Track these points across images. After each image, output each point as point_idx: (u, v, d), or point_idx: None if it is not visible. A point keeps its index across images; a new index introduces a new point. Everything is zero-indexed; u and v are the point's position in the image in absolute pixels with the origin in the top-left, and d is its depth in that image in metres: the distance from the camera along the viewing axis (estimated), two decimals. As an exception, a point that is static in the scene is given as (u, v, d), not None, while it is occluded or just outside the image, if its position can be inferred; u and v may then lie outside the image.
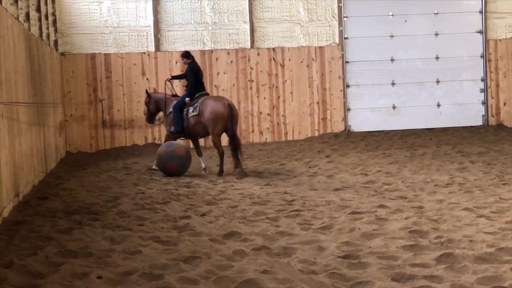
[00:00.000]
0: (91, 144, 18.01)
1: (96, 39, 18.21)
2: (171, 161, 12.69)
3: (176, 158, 12.71)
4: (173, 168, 12.72)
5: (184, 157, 12.81)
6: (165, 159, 12.72)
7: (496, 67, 19.60)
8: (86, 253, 6.79)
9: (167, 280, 5.88)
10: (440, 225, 7.74)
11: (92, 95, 18.08)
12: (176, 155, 12.71)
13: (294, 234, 7.60)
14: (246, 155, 16.25)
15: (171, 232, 7.88)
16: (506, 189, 10.21)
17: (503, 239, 6.98)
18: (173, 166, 12.72)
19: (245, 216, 8.71)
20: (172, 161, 12.70)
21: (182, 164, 12.79)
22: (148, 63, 18.29)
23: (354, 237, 7.36)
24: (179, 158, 12.73)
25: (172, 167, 12.73)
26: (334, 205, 9.33)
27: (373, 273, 5.96)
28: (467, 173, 12.07)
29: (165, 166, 12.77)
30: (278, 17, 18.92)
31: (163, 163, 12.78)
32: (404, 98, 19.48)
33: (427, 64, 19.55)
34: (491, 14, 19.58)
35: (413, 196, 9.88)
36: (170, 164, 12.71)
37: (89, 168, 14.62)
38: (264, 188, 11.21)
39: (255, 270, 6.11)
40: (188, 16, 18.61)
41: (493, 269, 5.90)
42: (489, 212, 8.39)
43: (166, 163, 12.73)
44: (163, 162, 12.78)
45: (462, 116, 19.61)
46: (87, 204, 9.61)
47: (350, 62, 19.26)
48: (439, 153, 15.26)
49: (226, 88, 18.59)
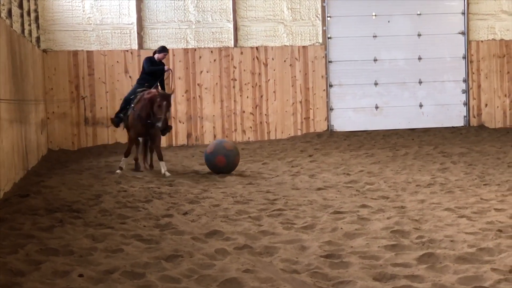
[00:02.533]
0: (73, 142, 17.91)
1: (78, 36, 18.10)
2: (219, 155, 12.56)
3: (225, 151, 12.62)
4: (222, 162, 12.57)
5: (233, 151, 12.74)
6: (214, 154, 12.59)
7: (478, 68, 19.72)
8: (67, 251, 6.76)
9: (149, 278, 5.86)
10: (421, 225, 7.78)
11: (74, 92, 17.97)
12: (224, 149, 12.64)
13: (277, 233, 7.61)
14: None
15: (153, 230, 7.86)
16: (487, 189, 10.28)
17: (484, 239, 7.03)
18: (221, 160, 12.58)
19: (227, 215, 8.71)
20: (220, 155, 12.56)
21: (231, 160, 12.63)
22: (131, 61, 18.22)
23: (336, 236, 7.37)
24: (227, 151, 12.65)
25: (220, 161, 12.59)
26: (317, 204, 9.34)
27: (355, 272, 5.98)
28: (448, 174, 12.14)
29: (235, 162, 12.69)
30: (261, 16, 18.91)
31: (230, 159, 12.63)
32: (386, 98, 19.55)
33: (410, 65, 19.64)
34: (473, 16, 19.70)
35: (395, 196, 9.92)
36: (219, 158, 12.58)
37: (71, 166, 14.53)
38: (247, 187, 11.21)
39: (237, 269, 6.11)
40: (171, 14, 18.56)
41: (474, 269, 5.94)
42: (470, 213, 8.44)
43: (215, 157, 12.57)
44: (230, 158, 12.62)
45: (444, 117, 19.71)
46: (68, 202, 9.56)
47: (333, 61, 19.30)
48: (421, 153, 15.34)
49: (209, 87, 18.56)
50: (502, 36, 19.77)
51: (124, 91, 18.07)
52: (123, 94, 18.03)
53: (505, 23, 19.78)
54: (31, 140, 13.59)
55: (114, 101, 18.11)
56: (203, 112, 18.51)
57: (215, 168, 12.67)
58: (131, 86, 17.98)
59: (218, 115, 18.59)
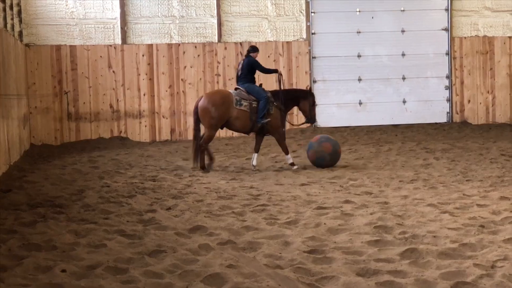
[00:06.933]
0: (56, 137, 17.82)
1: (61, 30, 18.00)
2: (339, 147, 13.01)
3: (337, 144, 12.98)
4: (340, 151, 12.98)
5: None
6: (334, 150, 12.81)
7: (461, 65, 19.82)
8: (50, 246, 6.72)
9: (132, 274, 5.85)
10: (404, 221, 7.81)
11: (57, 87, 17.88)
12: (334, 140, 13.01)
13: (260, 229, 7.61)
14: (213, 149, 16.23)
15: (136, 225, 7.84)
16: (469, 185, 10.34)
17: (466, 235, 7.07)
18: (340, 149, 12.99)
19: (211, 211, 8.70)
20: (339, 146, 13.00)
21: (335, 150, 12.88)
22: (115, 56, 18.15)
23: (319, 232, 7.39)
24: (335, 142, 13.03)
25: (340, 151, 12.99)
26: (300, 200, 9.35)
27: (338, 268, 5.99)
28: (431, 169, 12.20)
29: (339, 152, 12.93)
30: (245, 11, 18.90)
31: (336, 153, 12.85)
32: (370, 94, 19.61)
33: (394, 61, 19.70)
34: (457, 12, 19.79)
35: (379, 192, 9.95)
36: (340, 149, 12.99)
37: (53, 161, 14.46)
38: (230, 182, 11.21)
39: (221, 265, 6.10)
40: (155, 9, 18.49)
41: (456, 264, 5.98)
42: (453, 208, 8.49)
43: (338, 150, 12.88)
44: (336, 152, 12.84)
45: (427, 113, 19.80)
46: (51, 197, 9.51)
47: (317, 57, 19.32)
48: (404, 149, 15.40)
49: (193, 82, 18.53)
50: (485, 33, 19.87)
51: (108, 86, 18.04)
52: (106, 89, 18.03)
53: (488, 19, 19.88)
54: (14, 135, 13.51)
55: (97, 96, 18.03)
56: (186, 107, 18.47)
57: (321, 154, 12.75)
58: (114, 81, 18.07)
59: (202, 111, 18.53)
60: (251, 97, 12.82)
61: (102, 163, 13.90)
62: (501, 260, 6.06)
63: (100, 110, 18.06)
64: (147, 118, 18.31)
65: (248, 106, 12.77)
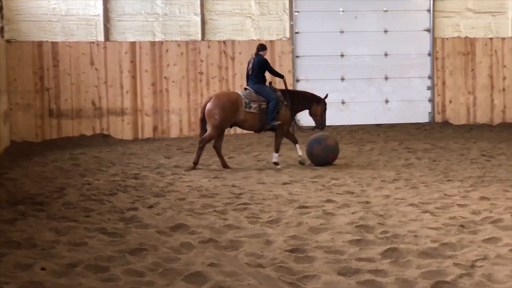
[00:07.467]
0: (37, 134, 17.70)
1: (43, 27, 17.88)
2: (331, 154, 12.98)
3: (334, 149, 13.01)
4: (335, 157, 13.07)
5: (336, 144, 13.20)
6: (325, 155, 12.88)
7: (443, 65, 19.92)
8: (30, 244, 6.69)
9: (113, 272, 5.83)
10: (386, 220, 7.84)
11: (38, 83, 17.75)
12: (331, 146, 12.99)
13: (242, 228, 7.61)
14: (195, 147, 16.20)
15: (117, 223, 7.81)
16: (450, 185, 10.40)
17: (447, 234, 7.11)
18: (334, 156, 13.05)
19: (192, 209, 8.69)
20: (331, 153, 12.98)
21: (337, 150, 13.13)
22: (97, 53, 18.05)
23: (301, 231, 7.40)
24: (335, 147, 13.07)
25: (334, 157, 13.05)
26: (282, 199, 9.36)
27: (320, 267, 6.01)
28: (413, 169, 12.25)
29: (328, 160, 12.96)
30: (229, 10, 18.87)
31: (324, 159, 12.90)
32: (353, 93, 19.66)
33: (376, 61, 19.77)
34: (439, 13, 19.88)
35: (360, 191, 9.98)
36: (332, 156, 13.00)
37: (34, 158, 14.37)
38: (212, 181, 11.20)
39: (202, 263, 6.10)
40: (138, 7, 18.42)
41: (437, 263, 6.01)
42: (434, 208, 8.53)
43: (327, 158, 12.94)
44: (324, 159, 12.90)
45: (409, 113, 19.88)
46: (32, 195, 9.45)
47: (300, 56, 19.34)
48: (386, 149, 15.45)
49: (176, 80, 18.48)
50: (466, 34, 19.99)
51: (90, 83, 17.95)
52: (88, 86, 17.93)
53: (470, 21, 20.00)
54: (-6, 131, 13.41)
55: (79, 93, 17.93)
56: (169, 105, 18.42)
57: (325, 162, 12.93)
58: (97, 78, 17.97)
59: (184, 109, 18.52)
60: (261, 98, 12.86)
61: (84, 161, 13.84)
62: (480, 259, 6.11)
63: (82, 107, 17.96)
64: (129, 116, 18.24)
65: (257, 108, 12.82)
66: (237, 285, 5.52)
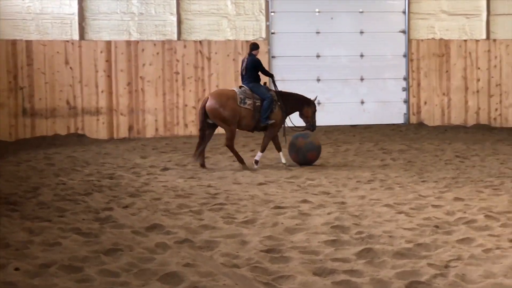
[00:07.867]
0: (11, 133, 17.53)
1: (17, 25, 17.72)
2: (311, 151, 13.00)
3: (316, 149, 13.05)
4: (314, 158, 13.06)
5: (319, 147, 13.23)
6: (305, 149, 12.95)
7: (418, 67, 20.06)
8: (3, 244, 6.62)
9: (87, 272, 5.79)
10: (361, 221, 7.87)
11: (12, 82, 17.58)
12: (315, 145, 13.04)
13: (217, 228, 7.60)
14: (171, 147, 16.18)
15: (92, 224, 7.76)
16: (425, 186, 10.47)
17: (421, 235, 7.15)
18: (313, 156, 13.05)
19: (168, 209, 8.66)
20: (312, 151, 13.00)
21: (319, 153, 13.18)
22: (72, 52, 17.93)
23: (277, 231, 7.40)
24: (318, 148, 13.11)
25: (312, 157, 13.04)
26: (258, 199, 9.36)
27: (295, 267, 6.02)
28: (388, 170, 12.32)
29: (306, 156, 13.00)
30: (205, 9, 18.84)
31: (304, 153, 12.96)
32: (328, 94, 19.71)
33: (352, 62, 19.85)
34: (414, 15, 20.02)
35: (336, 192, 10.01)
36: (311, 154, 13.01)
37: (8, 157, 14.23)
38: (188, 181, 11.18)
39: (178, 263, 6.08)
40: (114, 6, 18.32)
41: (411, 264, 6.05)
42: (409, 209, 8.58)
43: (307, 153, 12.97)
44: (304, 153, 12.96)
45: (384, 114, 19.99)
46: (5, 194, 9.36)
47: (276, 57, 19.36)
48: (362, 149, 15.52)
49: (152, 80, 18.41)
50: (441, 36, 20.14)
51: (65, 82, 17.81)
52: (63, 85, 17.80)
53: (445, 23, 20.16)
54: (-33, 130, 13.26)
55: (53, 92, 17.79)
56: (145, 105, 18.35)
57: (305, 160, 13.02)
58: (71, 77, 17.84)
59: (160, 109, 18.46)
60: (255, 96, 12.95)
61: (58, 160, 13.74)
62: (454, 260, 6.16)
63: (56, 106, 17.82)
64: (104, 115, 18.13)
65: (252, 105, 12.92)
66: (212, 285, 5.51)
